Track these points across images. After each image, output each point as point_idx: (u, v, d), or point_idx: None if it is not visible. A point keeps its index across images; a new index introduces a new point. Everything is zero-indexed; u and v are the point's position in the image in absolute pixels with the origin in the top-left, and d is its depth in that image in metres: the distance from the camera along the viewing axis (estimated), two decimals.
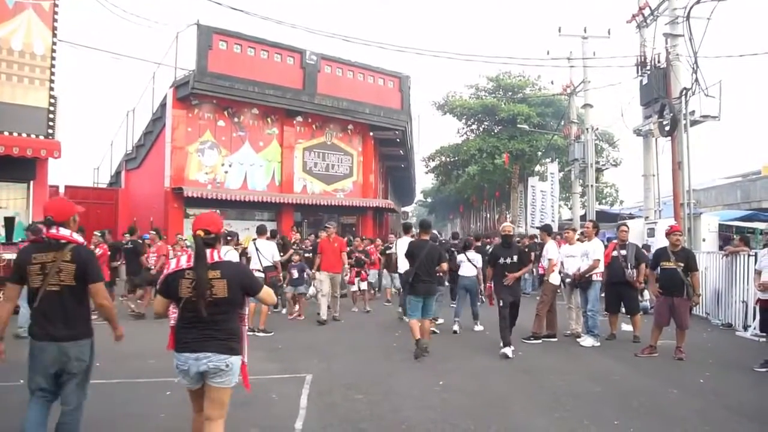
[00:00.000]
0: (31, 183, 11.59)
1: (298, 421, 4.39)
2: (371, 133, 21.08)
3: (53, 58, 11.44)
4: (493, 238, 17.72)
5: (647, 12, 13.72)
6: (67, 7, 13.26)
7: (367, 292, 11.29)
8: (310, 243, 12.31)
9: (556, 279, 8.07)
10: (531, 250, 8.97)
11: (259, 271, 8.41)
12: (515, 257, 7.15)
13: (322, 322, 9.19)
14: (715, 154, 58.72)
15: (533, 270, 11.37)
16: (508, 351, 6.73)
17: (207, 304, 2.94)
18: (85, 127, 60.34)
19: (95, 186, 22.29)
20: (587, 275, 7.82)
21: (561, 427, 4.36)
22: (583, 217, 18.88)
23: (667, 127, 12.68)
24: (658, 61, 13.24)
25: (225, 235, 8.25)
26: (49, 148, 11.13)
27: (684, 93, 12.31)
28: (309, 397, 5.05)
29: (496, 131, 31.70)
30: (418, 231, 7.72)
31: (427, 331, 7.00)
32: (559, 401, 5.01)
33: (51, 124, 11.42)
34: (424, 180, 49.41)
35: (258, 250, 8.76)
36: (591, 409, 4.77)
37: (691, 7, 11.66)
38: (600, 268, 7.85)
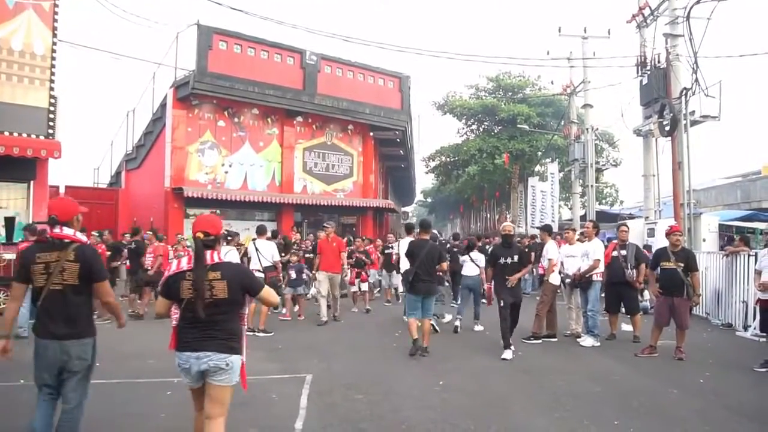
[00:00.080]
0: (32, 183, 11.58)
1: (298, 421, 4.40)
2: (371, 133, 21.09)
3: (53, 58, 11.44)
4: (493, 238, 17.72)
5: (647, 12, 13.72)
6: (67, 7, 13.25)
7: (368, 293, 11.29)
8: (310, 243, 12.32)
9: (556, 279, 8.07)
10: (531, 250, 8.97)
11: (259, 271, 8.40)
12: (515, 257, 7.14)
13: (322, 323, 9.19)
14: (715, 154, 58.82)
15: (533, 270, 11.37)
16: (508, 354, 6.72)
17: (207, 305, 2.98)
18: (85, 127, 60.48)
19: (95, 186, 22.32)
20: (587, 275, 7.83)
21: (561, 427, 4.36)
22: (583, 217, 18.88)
23: (667, 127, 12.68)
24: (658, 61, 13.24)
25: (225, 236, 8.27)
26: (49, 148, 11.13)
27: (684, 93, 12.31)
28: (309, 397, 5.05)
29: (496, 131, 31.72)
30: (418, 231, 7.71)
31: (427, 333, 6.99)
32: (559, 401, 5.01)
33: (51, 124, 11.42)
34: (424, 180, 49.52)
35: (258, 250, 8.76)
36: (591, 409, 4.78)
37: (691, 7, 11.66)
38: (600, 268, 7.85)
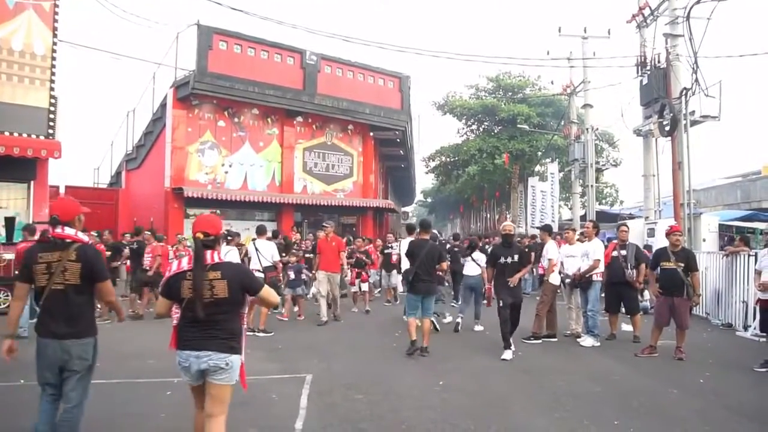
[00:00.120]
0: (32, 183, 11.59)
1: (298, 421, 4.40)
2: (371, 134, 21.09)
3: (53, 59, 11.45)
4: (492, 238, 17.72)
5: (647, 12, 13.71)
6: (67, 7, 13.28)
7: (368, 293, 11.26)
8: (310, 243, 12.30)
9: (556, 279, 8.07)
10: (531, 251, 8.96)
11: (258, 271, 8.40)
12: (516, 257, 7.09)
13: (322, 324, 9.19)
14: (715, 154, 58.79)
15: (533, 270, 11.36)
16: (507, 355, 6.71)
17: (208, 304, 3.00)
18: (85, 128, 60.50)
19: (95, 186, 22.34)
20: (587, 275, 7.83)
21: (561, 427, 4.36)
22: (583, 217, 18.88)
23: (667, 127, 12.68)
24: (658, 61, 13.24)
25: (225, 236, 8.27)
26: (49, 149, 11.14)
27: (684, 93, 12.31)
28: (309, 397, 5.05)
29: (496, 131, 31.73)
30: (418, 231, 7.71)
31: (427, 333, 6.99)
32: (559, 401, 5.01)
33: (51, 124, 11.43)
34: (424, 180, 49.52)
35: (258, 250, 8.76)
36: (591, 409, 4.78)
37: (691, 7, 11.66)
38: (600, 268, 7.85)
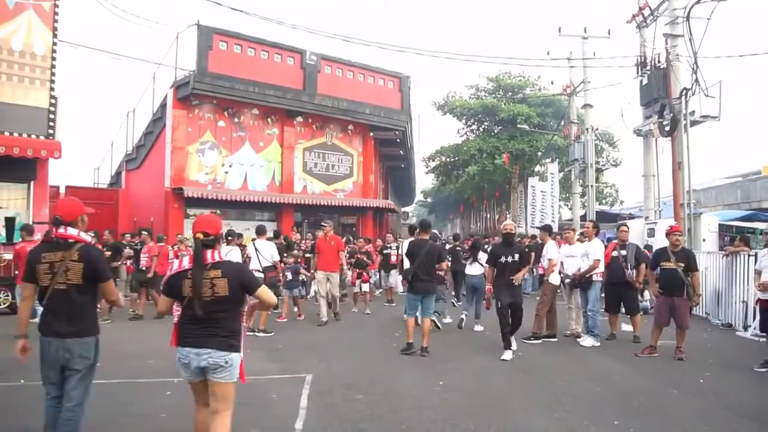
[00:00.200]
0: (32, 183, 11.60)
1: (298, 421, 4.40)
2: (371, 134, 21.08)
3: (53, 59, 11.46)
4: (492, 238, 17.71)
5: (647, 12, 13.72)
6: (67, 8, 13.28)
7: (369, 293, 11.22)
8: (309, 244, 12.27)
9: (556, 279, 8.07)
10: (531, 251, 8.96)
11: (258, 271, 8.40)
12: (516, 256, 7.03)
13: (322, 324, 9.19)
14: (715, 154, 58.77)
15: (533, 270, 11.36)
16: (507, 355, 6.70)
17: (208, 303, 3.06)
18: (85, 128, 60.48)
19: (96, 186, 22.31)
20: (587, 275, 7.83)
21: (561, 427, 4.36)
22: (583, 218, 18.88)
23: (667, 128, 12.68)
24: (658, 61, 13.24)
25: (225, 236, 8.28)
26: (49, 149, 11.15)
27: (684, 93, 12.31)
28: (309, 397, 5.06)
29: (496, 131, 31.74)
30: (418, 231, 7.71)
31: (427, 333, 6.99)
32: (559, 401, 5.01)
33: (51, 124, 11.44)
34: (424, 180, 49.49)
35: (257, 250, 8.75)
36: (591, 409, 4.78)
37: (691, 8, 11.67)
38: (600, 268, 7.85)
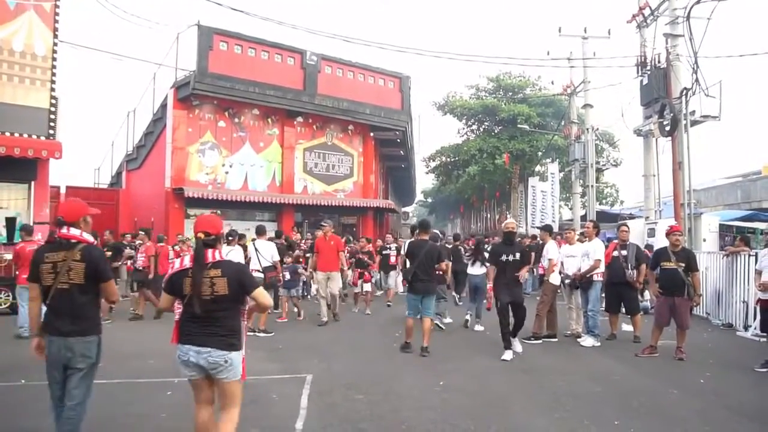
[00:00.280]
0: (32, 183, 11.61)
1: (298, 421, 4.40)
2: (372, 134, 21.09)
3: (54, 59, 11.47)
4: (492, 238, 17.72)
5: (647, 12, 13.72)
6: (67, 8, 13.29)
7: (369, 293, 11.16)
8: (308, 244, 12.26)
9: (557, 279, 8.07)
10: (532, 251, 8.95)
11: (258, 271, 8.40)
12: (517, 255, 6.95)
13: (322, 324, 9.19)
14: (716, 154, 58.75)
15: (533, 270, 11.35)
16: (507, 356, 6.69)
17: (208, 301, 3.10)
18: (86, 128, 60.47)
19: (96, 186, 22.34)
20: (588, 275, 7.83)
21: (561, 427, 4.36)
22: (583, 218, 18.87)
23: (667, 127, 12.68)
24: (659, 61, 13.24)
25: (226, 236, 8.28)
26: (50, 149, 11.16)
27: (684, 93, 12.31)
28: (309, 397, 5.06)
29: (496, 131, 31.75)
30: (418, 231, 7.72)
31: (428, 333, 6.98)
32: (560, 401, 5.01)
33: (52, 124, 11.45)
34: (424, 180, 49.52)
35: (257, 250, 8.75)
36: (591, 409, 4.77)
37: (691, 7, 11.66)
38: (600, 269, 7.85)
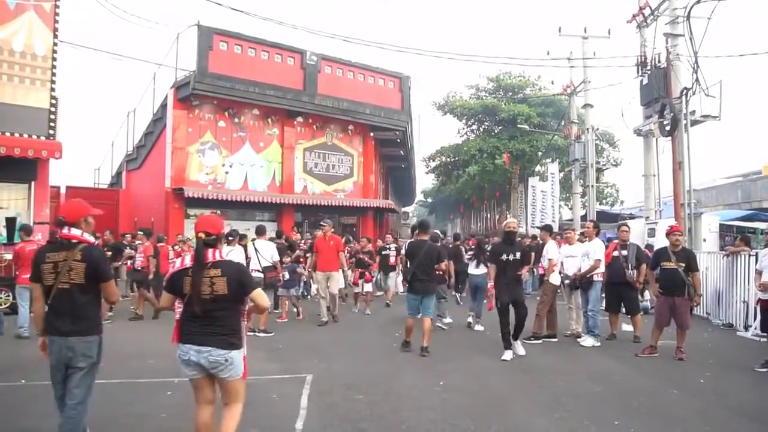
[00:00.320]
0: (33, 183, 11.61)
1: (298, 421, 4.40)
2: (372, 134, 21.09)
3: (54, 59, 11.46)
4: (492, 238, 17.70)
5: (647, 12, 13.73)
6: (67, 8, 13.28)
7: (371, 293, 11.12)
8: (308, 244, 12.25)
9: (556, 279, 8.06)
10: (532, 251, 8.93)
11: (258, 271, 8.40)
12: (518, 254, 6.90)
13: (322, 324, 9.19)
14: (716, 154, 58.70)
15: (533, 270, 11.34)
16: (507, 356, 6.68)
17: (207, 301, 3.12)
18: (86, 128, 60.47)
19: (96, 187, 22.36)
20: (588, 275, 7.82)
21: (561, 427, 4.36)
22: (583, 218, 18.87)
23: (667, 127, 12.68)
24: (659, 61, 13.24)
25: (227, 236, 8.28)
26: (50, 149, 11.15)
27: (684, 93, 12.31)
28: (309, 397, 5.06)
29: (496, 131, 31.74)
30: (417, 232, 7.72)
31: (428, 332, 6.98)
32: (560, 401, 5.01)
33: (52, 124, 11.44)
34: (424, 180, 49.50)
35: (257, 250, 8.75)
36: (591, 409, 4.77)
37: (691, 7, 11.65)
38: (601, 269, 7.84)
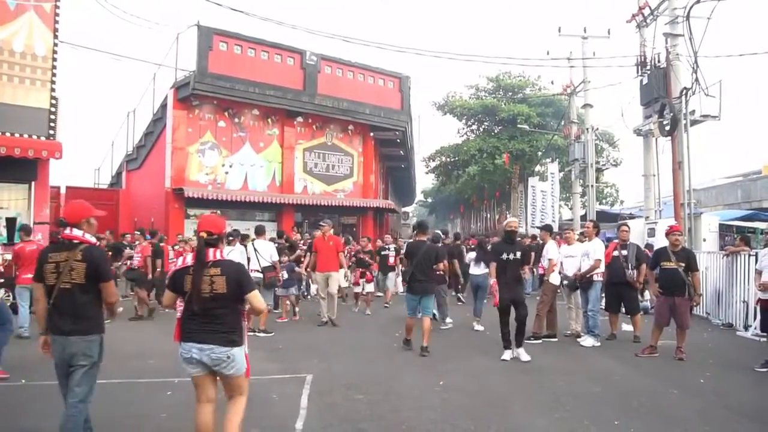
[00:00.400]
0: (33, 184, 11.61)
1: (298, 421, 4.40)
2: (371, 134, 21.11)
3: (54, 59, 11.47)
4: (491, 238, 17.69)
5: (647, 12, 13.72)
6: (68, 8, 13.28)
7: (371, 294, 11.07)
8: (308, 244, 12.24)
9: (556, 279, 8.06)
10: (532, 251, 8.93)
11: (257, 271, 8.39)
12: (518, 253, 6.88)
13: (322, 324, 9.19)
14: (715, 154, 58.76)
15: (533, 270, 11.34)
16: (506, 356, 6.67)
17: (207, 299, 3.16)
18: (86, 128, 60.49)
19: (96, 187, 22.36)
20: (588, 275, 7.83)
21: (561, 427, 4.36)
22: (583, 217, 18.87)
23: (667, 127, 12.68)
24: (658, 61, 13.24)
25: (227, 235, 8.28)
26: (50, 149, 11.16)
27: (684, 93, 12.30)
28: (309, 397, 5.06)
29: (496, 131, 31.76)
30: (416, 232, 7.72)
31: (428, 332, 6.98)
32: (559, 401, 5.01)
33: (52, 125, 11.44)
34: (424, 180, 49.53)
35: (256, 250, 8.74)
36: (591, 409, 4.77)
37: (691, 7, 11.65)
38: (600, 269, 7.84)
